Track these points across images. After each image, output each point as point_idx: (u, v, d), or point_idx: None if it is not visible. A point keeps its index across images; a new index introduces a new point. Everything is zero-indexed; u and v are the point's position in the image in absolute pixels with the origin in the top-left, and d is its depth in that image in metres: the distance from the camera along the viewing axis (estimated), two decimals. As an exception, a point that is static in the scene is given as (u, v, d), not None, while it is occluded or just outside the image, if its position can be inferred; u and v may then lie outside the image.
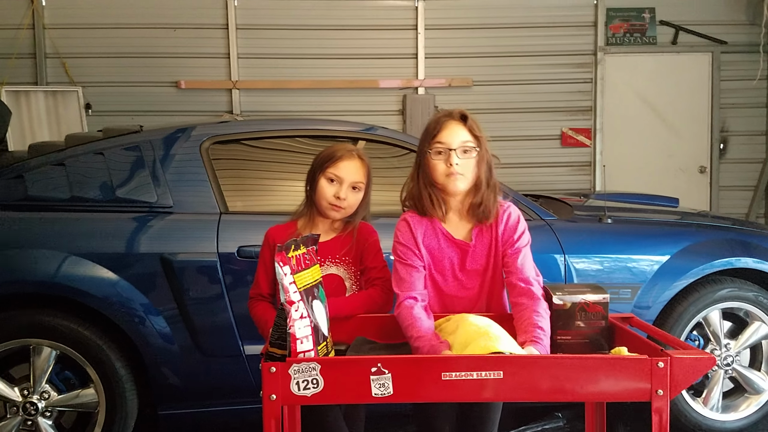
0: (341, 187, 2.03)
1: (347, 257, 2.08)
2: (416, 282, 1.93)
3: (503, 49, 6.05)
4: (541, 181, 5.89)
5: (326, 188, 2.04)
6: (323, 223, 2.10)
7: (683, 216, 3.47)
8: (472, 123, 1.94)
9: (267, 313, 2.05)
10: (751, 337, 3.05)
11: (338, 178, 2.04)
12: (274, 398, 1.47)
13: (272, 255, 2.06)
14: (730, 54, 6.23)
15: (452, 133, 1.91)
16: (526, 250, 1.96)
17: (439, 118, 1.94)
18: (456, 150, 1.89)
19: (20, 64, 5.73)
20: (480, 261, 1.97)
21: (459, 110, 1.96)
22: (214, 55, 5.89)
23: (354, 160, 2.05)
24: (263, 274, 2.11)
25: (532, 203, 3.08)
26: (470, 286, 1.98)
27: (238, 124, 3.15)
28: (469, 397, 1.50)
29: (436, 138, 1.91)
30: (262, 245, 2.15)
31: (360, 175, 2.05)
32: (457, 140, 1.90)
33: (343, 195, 2.03)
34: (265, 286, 2.11)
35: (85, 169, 2.76)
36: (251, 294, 2.14)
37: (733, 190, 6.34)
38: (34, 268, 2.57)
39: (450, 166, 1.88)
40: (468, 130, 1.92)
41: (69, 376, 2.67)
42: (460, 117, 1.94)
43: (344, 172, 2.03)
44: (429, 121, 1.99)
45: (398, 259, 1.97)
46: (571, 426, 3.20)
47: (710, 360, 1.48)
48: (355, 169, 2.05)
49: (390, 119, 5.93)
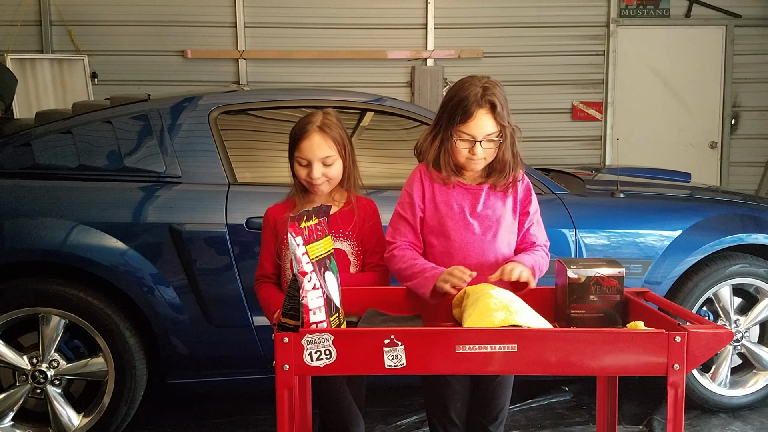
0: (311, 168, 1.97)
1: (351, 231, 2.04)
2: (408, 233, 2.00)
3: (514, 20, 5.96)
4: (552, 155, 5.84)
5: (299, 171, 2.01)
6: (320, 197, 2.05)
7: (694, 191, 3.44)
8: (500, 111, 1.89)
9: (271, 296, 2.02)
10: (761, 313, 3.04)
11: (305, 159, 1.98)
12: (287, 368, 1.46)
13: (273, 235, 2.05)
14: (743, 28, 6.13)
15: (480, 124, 1.88)
16: (538, 216, 2.07)
17: (470, 104, 1.86)
18: (481, 141, 1.90)
19: (25, 31, 5.68)
20: (494, 210, 1.98)
21: (490, 95, 1.87)
22: (220, 24, 5.83)
23: (314, 136, 1.97)
24: (266, 254, 2.07)
25: (543, 177, 3.05)
26: (482, 233, 1.97)
27: (247, 94, 3.12)
28: (483, 370, 1.49)
29: (463, 127, 1.89)
30: (262, 226, 2.11)
31: (325, 149, 1.97)
32: (482, 133, 1.89)
33: (315, 174, 1.97)
34: (269, 266, 2.07)
35: (92, 137, 2.74)
36: (257, 276, 2.11)
37: (743, 166, 6.29)
38: (43, 236, 2.56)
39: (473, 155, 1.91)
40: (495, 121, 1.89)
41: (78, 345, 2.68)
42: (491, 106, 1.88)
43: (308, 152, 1.97)
44: (456, 94, 1.91)
45: (398, 207, 2.03)
46: (578, 400, 3.21)
47: (728, 335, 1.46)
48: (318, 144, 1.96)
49: (398, 91, 5.87)
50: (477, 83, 1.90)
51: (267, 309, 2.03)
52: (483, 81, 1.91)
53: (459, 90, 1.91)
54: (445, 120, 1.94)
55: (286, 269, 2.05)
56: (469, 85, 1.90)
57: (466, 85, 1.91)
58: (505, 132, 1.92)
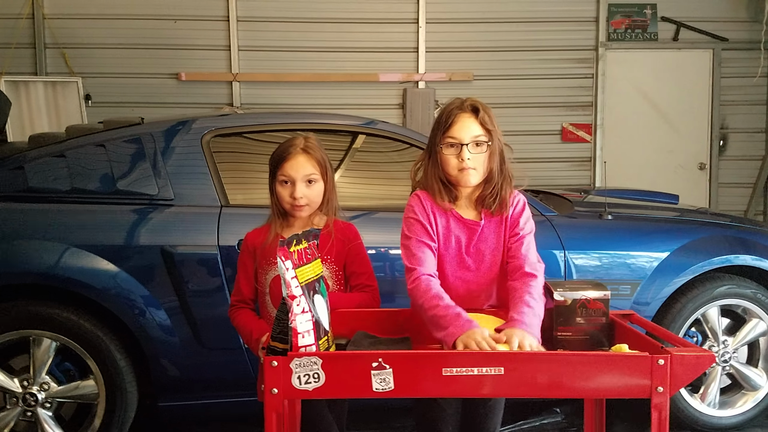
0: (295, 187, 1.99)
1: (329, 256, 2.03)
2: (429, 259, 1.89)
3: (504, 44, 6.04)
4: (541, 176, 5.88)
5: (281, 191, 2.02)
6: (299, 221, 2.06)
7: (683, 213, 3.48)
8: (484, 115, 1.90)
9: (250, 321, 2.02)
10: (749, 334, 3.06)
11: (288, 177, 2.00)
12: (275, 392, 1.47)
13: (252, 259, 2.05)
14: (730, 51, 6.23)
15: (464, 127, 1.88)
16: (530, 237, 1.96)
17: (451, 110, 1.90)
18: (468, 145, 1.88)
19: (19, 54, 5.71)
20: (488, 243, 1.94)
21: (471, 101, 1.92)
22: (214, 47, 5.88)
23: (299, 156, 2.00)
24: (244, 279, 2.07)
25: (532, 198, 3.08)
26: (476, 268, 1.94)
27: (239, 117, 3.15)
28: (470, 393, 1.51)
29: (448, 132, 1.89)
30: (241, 251, 2.11)
31: (309, 168, 2.00)
32: (468, 135, 1.88)
33: (298, 194, 1.99)
34: (248, 291, 2.07)
35: (85, 160, 2.76)
36: (232, 301, 2.09)
37: (732, 187, 6.35)
38: (34, 259, 2.57)
39: (462, 161, 1.87)
40: (480, 124, 1.89)
41: (69, 368, 2.67)
42: (472, 110, 1.90)
43: (292, 170, 1.99)
44: (441, 111, 1.95)
45: (411, 234, 1.92)
46: (569, 421, 3.22)
47: (710, 357, 1.49)
48: (302, 163, 2.00)
49: (390, 113, 5.92)
50: (458, 99, 1.95)
51: (248, 335, 2.00)
52: (467, 98, 1.95)
53: (442, 108, 1.96)
54: (432, 138, 1.95)
55: (264, 294, 2.06)
56: (453, 100, 1.95)
57: (449, 102, 1.95)
58: (492, 137, 1.91)
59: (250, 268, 2.06)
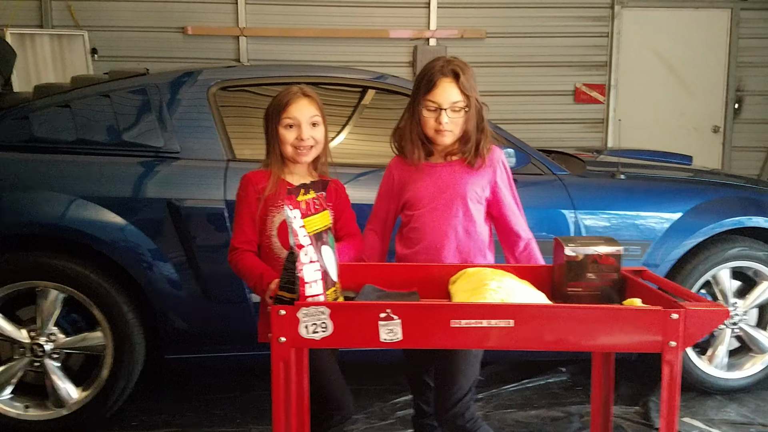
0: (301, 129, 2.01)
1: (330, 203, 2.04)
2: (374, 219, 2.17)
3: (518, 0, 5.90)
4: (553, 137, 5.81)
5: (286, 135, 2.01)
6: (300, 167, 2.07)
7: (696, 174, 3.42)
8: (464, 81, 1.98)
9: (260, 266, 1.93)
10: (760, 296, 3.03)
11: (294, 119, 2.01)
12: (283, 341, 1.46)
13: (257, 199, 2.00)
14: (749, 11, 6.08)
15: (443, 92, 1.97)
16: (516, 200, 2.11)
17: (433, 73, 1.98)
18: (446, 110, 1.98)
19: (25, 6, 5.63)
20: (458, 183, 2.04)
21: (452, 66, 1.99)
22: (221, 0, 5.77)
23: (302, 99, 2.03)
24: (250, 221, 2.00)
25: (544, 157, 3.03)
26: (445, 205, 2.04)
27: (246, 69, 3.10)
28: (478, 345, 1.49)
29: (429, 95, 1.99)
30: (242, 191, 2.04)
31: (313, 110, 2.04)
32: (447, 100, 1.98)
33: (305, 135, 2.01)
34: (253, 233, 2.00)
35: (91, 111, 2.72)
36: (235, 244, 1.99)
37: (746, 151, 6.26)
38: (41, 209, 2.56)
39: (440, 124, 1.99)
40: (459, 90, 1.98)
41: (76, 319, 2.68)
42: (453, 75, 1.97)
43: (297, 113, 2.01)
44: (425, 69, 2.02)
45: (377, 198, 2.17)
46: (574, 380, 3.22)
47: (724, 312, 1.46)
48: (306, 105, 2.03)
49: (400, 71, 5.82)
50: (442, 59, 2.02)
51: (257, 278, 1.90)
52: (449, 57, 2.03)
53: (425, 66, 2.04)
54: (414, 96, 2.05)
55: (270, 237, 2.01)
56: (435, 60, 2.03)
57: (433, 61, 2.04)
58: (470, 102, 2.00)
59: (256, 209, 2.00)
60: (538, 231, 2.58)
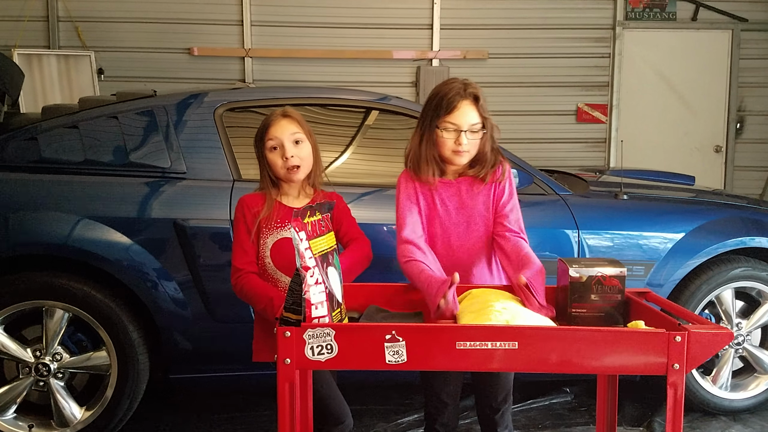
0: (284, 148, 2.04)
1: None
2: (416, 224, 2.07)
3: (520, 22, 5.96)
4: (556, 156, 5.83)
5: (273, 158, 2.06)
6: (293, 188, 2.11)
7: (698, 194, 3.44)
8: (483, 104, 2.02)
9: (269, 288, 1.98)
10: (763, 317, 3.03)
11: (276, 139, 2.05)
12: (288, 362, 1.47)
13: (255, 223, 2.04)
14: (750, 32, 6.12)
15: (464, 114, 1.99)
16: (515, 201, 2.12)
17: (453, 96, 1.99)
18: (465, 132, 2.00)
19: (32, 27, 5.70)
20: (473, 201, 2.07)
21: (472, 89, 2.01)
22: (227, 22, 5.84)
23: (281, 120, 2.07)
24: (248, 240, 2.04)
25: (547, 177, 3.05)
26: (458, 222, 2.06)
27: (252, 91, 3.13)
28: (483, 367, 1.50)
29: (448, 117, 1.99)
30: (238, 212, 2.08)
31: (293, 128, 2.07)
32: (467, 122, 2.00)
33: (289, 154, 2.04)
34: (253, 252, 2.05)
35: (98, 132, 2.75)
36: (238, 265, 2.03)
37: (748, 170, 6.27)
38: (47, 230, 2.58)
39: (459, 145, 2.00)
40: (478, 112, 2.01)
41: (81, 339, 2.69)
42: (473, 98, 2.00)
43: (278, 132, 2.05)
44: (440, 91, 2.03)
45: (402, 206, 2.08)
46: (579, 401, 3.21)
47: (728, 335, 1.47)
48: (285, 125, 2.07)
49: (403, 91, 5.87)
50: (458, 81, 2.04)
51: (267, 301, 1.94)
52: (463, 79, 2.05)
53: (441, 87, 2.04)
54: (429, 116, 2.04)
55: (265, 258, 2.06)
56: (451, 82, 2.04)
57: (448, 82, 2.05)
58: (487, 124, 2.03)
59: (253, 229, 2.05)
60: (541, 251, 2.60)
